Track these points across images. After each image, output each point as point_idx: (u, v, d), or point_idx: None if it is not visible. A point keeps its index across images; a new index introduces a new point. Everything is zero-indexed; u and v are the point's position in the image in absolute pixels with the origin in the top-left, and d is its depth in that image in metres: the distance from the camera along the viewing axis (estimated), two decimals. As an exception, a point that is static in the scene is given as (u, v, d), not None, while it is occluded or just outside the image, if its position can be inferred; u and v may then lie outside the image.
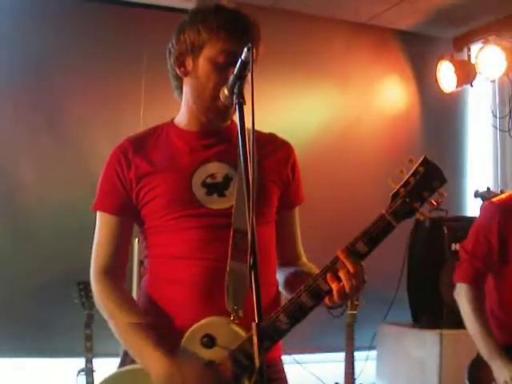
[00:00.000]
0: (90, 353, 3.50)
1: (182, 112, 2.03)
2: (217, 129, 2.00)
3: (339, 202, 4.71)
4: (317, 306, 1.74)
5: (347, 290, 1.69)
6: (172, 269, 1.89)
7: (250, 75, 1.62)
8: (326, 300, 1.74)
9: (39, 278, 3.93)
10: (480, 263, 2.81)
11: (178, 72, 1.97)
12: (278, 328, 1.73)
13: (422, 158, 1.72)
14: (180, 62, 1.95)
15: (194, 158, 1.94)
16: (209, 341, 1.75)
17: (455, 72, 4.82)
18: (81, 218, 3.98)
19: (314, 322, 1.91)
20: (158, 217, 1.91)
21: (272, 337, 1.74)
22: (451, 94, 4.99)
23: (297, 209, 2.13)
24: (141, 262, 2.28)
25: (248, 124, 1.58)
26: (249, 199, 1.51)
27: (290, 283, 2.00)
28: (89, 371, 3.48)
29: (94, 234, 2.00)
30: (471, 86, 4.93)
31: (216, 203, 1.89)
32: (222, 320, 1.78)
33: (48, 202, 4.05)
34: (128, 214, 1.96)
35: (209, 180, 1.91)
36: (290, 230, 2.11)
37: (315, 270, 1.88)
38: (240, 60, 1.65)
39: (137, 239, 2.59)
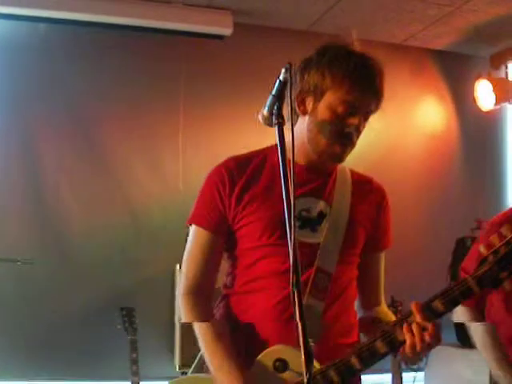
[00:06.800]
0: (136, 376, 3.53)
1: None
2: (323, 167, 2.01)
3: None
4: (389, 354, 1.73)
5: (417, 345, 1.68)
6: (257, 289, 1.91)
7: (289, 95, 1.59)
8: (401, 350, 1.73)
9: (83, 304, 3.98)
10: None
11: (297, 109, 1.96)
12: (350, 367, 1.73)
13: None
14: (300, 100, 1.95)
15: (294, 191, 1.97)
16: (281, 365, 1.79)
17: (493, 90, 4.77)
18: (121, 244, 4.07)
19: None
20: (252, 240, 1.92)
21: (342, 374, 1.74)
22: (489, 112, 4.94)
23: (383, 254, 2.12)
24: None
25: (288, 144, 1.57)
26: (289, 215, 1.51)
27: (364, 329, 2.02)
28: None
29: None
30: (510, 103, 4.89)
31: (307, 237, 1.91)
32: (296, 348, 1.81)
33: (90, 230, 4.11)
34: (221, 233, 1.97)
35: (304, 214, 1.93)
36: (374, 274, 2.11)
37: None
38: (278, 80, 1.62)
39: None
